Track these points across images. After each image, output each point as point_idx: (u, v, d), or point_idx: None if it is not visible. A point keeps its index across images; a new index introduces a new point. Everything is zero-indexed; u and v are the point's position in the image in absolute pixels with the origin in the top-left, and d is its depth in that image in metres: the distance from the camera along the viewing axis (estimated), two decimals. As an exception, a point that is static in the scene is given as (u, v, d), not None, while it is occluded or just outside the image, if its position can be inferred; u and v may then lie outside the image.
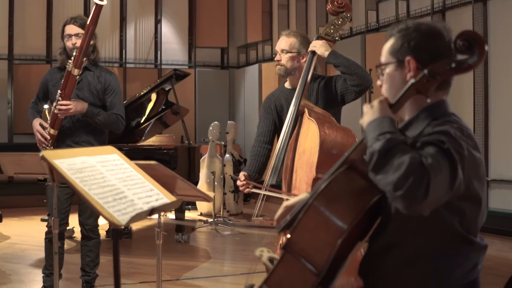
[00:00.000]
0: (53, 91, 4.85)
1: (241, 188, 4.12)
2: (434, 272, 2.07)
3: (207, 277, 5.88)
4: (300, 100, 3.92)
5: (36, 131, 4.77)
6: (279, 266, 2.15)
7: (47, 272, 4.93)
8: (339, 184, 2.15)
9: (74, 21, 4.79)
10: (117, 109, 4.90)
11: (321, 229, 2.08)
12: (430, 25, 2.18)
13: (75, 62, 4.54)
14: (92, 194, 2.30)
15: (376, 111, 2.08)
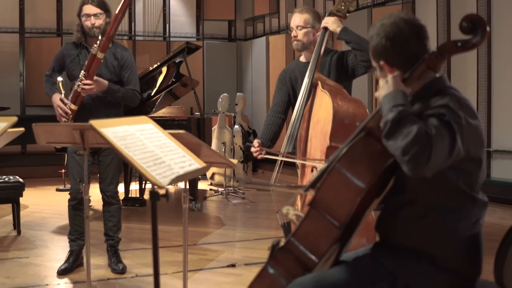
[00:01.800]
0: (71, 66, 5.10)
1: (255, 154, 4.40)
2: (442, 224, 2.36)
3: (222, 242, 6.15)
4: (313, 73, 4.17)
5: (57, 106, 5.00)
6: (306, 221, 2.43)
7: (72, 237, 5.20)
8: (358, 148, 2.41)
9: (92, 1, 4.99)
10: (133, 85, 5.15)
11: (343, 188, 2.36)
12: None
13: (101, 47, 4.76)
14: (137, 159, 2.56)
15: (391, 85, 2.35)
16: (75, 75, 5.02)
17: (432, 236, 2.37)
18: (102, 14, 4.98)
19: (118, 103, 5.17)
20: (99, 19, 4.95)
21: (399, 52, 2.42)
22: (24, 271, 5.23)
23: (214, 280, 4.94)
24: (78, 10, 5.09)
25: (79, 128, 3.69)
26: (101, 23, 4.96)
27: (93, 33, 4.93)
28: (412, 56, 2.41)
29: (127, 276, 5.01)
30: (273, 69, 12.84)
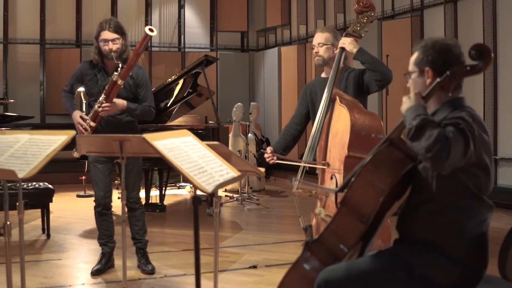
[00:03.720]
0: (89, 85, 5.48)
1: (267, 160, 4.82)
2: (455, 221, 2.75)
3: (242, 246, 6.50)
4: (332, 89, 4.53)
5: (77, 123, 5.34)
6: (337, 217, 2.86)
7: (102, 241, 5.56)
8: (382, 155, 2.83)
9: (109, 27, 5.33)
10: (149, 101, 5.51)
11: (368, 189, 2.78)
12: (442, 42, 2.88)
13: (122, 75, 5.14)
14: (184, 168, 2.91)
15: (413, 100, 2.77)
16: (93, 93, 5.43)
17: (445, 231, 2.75)
18: (119, 39, 5.33)
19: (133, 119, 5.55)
20: (116, 44, 5.31)
21: (444, 65, 2.80)
22: (59, 272, 5.59)
23: (238, 280, 5.28)
24: (95, 34, 5.42)
25: (118, 139, 4.07)
26: (118, 47, 5.31)
27: (111, 56, 5.28)
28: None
29: (157, 276, 5.36)
30: (285, 79, 13.21)
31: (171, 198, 9.77)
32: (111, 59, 5.28)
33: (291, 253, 6.12)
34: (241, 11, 14.37)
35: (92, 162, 5.48)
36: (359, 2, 4.81)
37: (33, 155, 3.01)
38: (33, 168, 2.90)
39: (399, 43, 9.84)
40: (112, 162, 5.49)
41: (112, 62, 5.29)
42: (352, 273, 2.76)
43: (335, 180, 4.29)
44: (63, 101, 5.63)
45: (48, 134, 3.22)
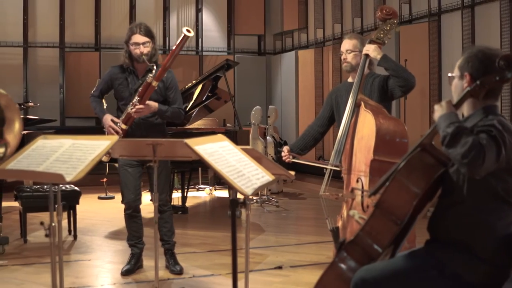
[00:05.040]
0: (120, 89, 5.60)
1: (283, 158, 5.01)
2: (484, 222, 2.88)
3: (265, 247, 6.61)
4: (357, 95, 4.66)
5: (108, 127, 5.48)
6: (371, 219, 2.99)
7: (132, 242, 5.69)
8: (415, 161, 2.97)
9: (140, 31, 5.47)
10: (178, 104, 5.64)
11: (403, 193, 2.92)
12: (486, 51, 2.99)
13: (157, 76, 5.26)
14: (225, 172, 3.04)
15: (445, 108, 2.90)
16: (123, 97, 5.55)
17: (475, 232, 2.88)
18: (149, 42, 5.46)
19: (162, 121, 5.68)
20: (147, 47, 5.44)
21: (483, 73, 2.92)
22: (89, 272, 5.73)
23: (264, 280, 5.40)
24: (126, 38, 5.55)
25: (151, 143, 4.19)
26: (149, 50, 5.45)
27: (141, 59, 5.41)
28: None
29: (185, 277, 5.49)
30: (302, 83, 13.33)
31: (191, 200, 9.88)
32: (141, 63, 5.42)
33: (314, 254, 6.27)
34: (258, 15, 14.52)
35: (122, 165, 5.60)
36: (382, 9, 4.96)
37: (78, 159, 3.12)
38: (79, 172, 3.01)
39: (416, 48, 9.95)
40: (142, 165, 5.61)
41: (142, 65, 5.43)
42: (387, 272, 2.90)
43: (361, 183, 4.41)
44: (92, 106, 5.76)
45: (90, 139, 3.34)
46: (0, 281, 5.36)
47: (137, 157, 5.07)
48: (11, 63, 12.79)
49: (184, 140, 3.14)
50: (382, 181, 3.11)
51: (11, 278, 5.43)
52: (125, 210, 5.70)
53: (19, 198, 6.84)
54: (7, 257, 6.15)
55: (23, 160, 3.21)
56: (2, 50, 12.71)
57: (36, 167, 3.10)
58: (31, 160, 3.19)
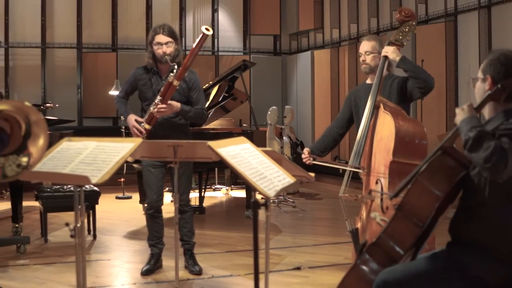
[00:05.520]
0: (144, 89, 5.66)
1: (304, 160, 5.04)
2: (505, 224, 2.91)
3: (283, 248, 6.64)
4: (376, 96, 4.69)
5: (132, 126, 5.52)
6: (393, 221, 3.02)
7: (152, 242, 5.74)
8: (437, 164, 3.00)
9: (163, 31, 5.52)
10: (201, 104, 5.69)
11: (425, 195, 2.96)
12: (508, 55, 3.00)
13: (178, 76, 5.30)
14: (248, 174, 3.08)
15: (467, 111, 2.93)
16: (147, 97, 5.60)
17: (497, 233, 2.91)
18: (172, 43, 5.50)
19: (186, 122, 5.72)
20: (169, 47, 5.48)
21: (504, 76, 2.96)
22: (108, 271, 5.80)
23: (283, 281, 5.43)
24: (149, 39, 5.60)
25: (172, 144, 4.24)
26: (172, 50, 5.48)
27: (164, 60, 5.46)
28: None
29: (205, 277, 5.54)
30: (318, 83, 13.35)
31: (207, 200, 9.91)
32: (164, 63, 5.46)
33: (332, 255, 6.29)
34: (274, 15, 14.54)
35: (145, 166, 5.65)
36: (401, 11, 5.00)
37: (103, 161, 3.17)
38: (104, 174, 3.05)
39: (433, 48, 9.95)
40: (165, 166, 5.65)
41: (165, 66, 5.47)
42: (409, 274, 2.93)
43: (380, 185, 4.44)
44: (117, 107, 5.85)
45: (114, 141, 3.38)
46: (22, 280, 5.43)
47: (158, 158, 5.13)
48: (30, 64, 12.89)
49: (207, 143, 3.18)
50: (403, 183, 3.14)
51: (33, 277, 5.50)
52: (147, 210, 5.77)
53: (39, 198, 6.92)
54: (28, 256, 6.23)
55: (48, 162, 3.25)
56: (21, 51, 12.81)
57: (61, 169, 3.15)
58: (56, 162, 3.24)
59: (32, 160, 2.77)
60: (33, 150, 2.77)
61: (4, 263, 5.93)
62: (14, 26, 12.79)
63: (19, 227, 6.52)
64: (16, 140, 2.72)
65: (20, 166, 2.79)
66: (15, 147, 2.73)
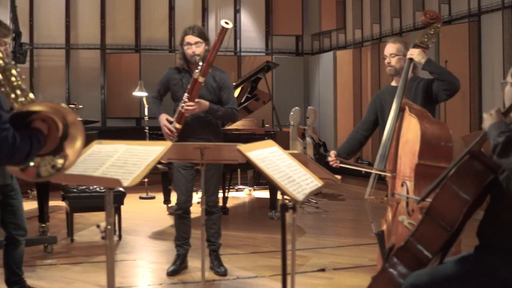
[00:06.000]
0: (175, 89, 5.72)
1: (331, 163, 5.08)
2: None
3: (307, 249, 6.66)
4: (401, 99, 4.71)
5: (163, 126, 5.58)
6: (421, 225, 3.05)
7: (179, 243, 5.80)
8: (465, 168, 3.01)
9: (193, 32, 5.58)
10: (231, 104, 5.72)
11: (453, 200, 2.97)
12: None
13: (202, 72, 5.35)
14: (276, 178, 3.11)
15: (494, 117, 2.95)
16: (178, 97, 5.62)
17: None
18: (201, 43, 5.56)
19: (217, 121, 5.76)
20: (199, 47, 5.53)
21: None
22: (135, 272, 5.87)
23: (308, 283, 5.47)
24: (180, 40, 5.67)
25: (199, 147, 4.29)
26: (201, 50, 5.52)
27: (194, 60, 5.51)
28: None
29: (230, 278, 5.59)
30: (340, 83, 13.34)
31: (230, 200, 9.96)
32: (194, 63, 5.50)
33: (357, 257, 6.31)
34: (296, 15, 14.54)
35: (176, 167, 5.71)
36: (426, 14, 5.01)
37: (134, 164, 3.21)
38: (136, 177, 3.08)
39: (456, 49, 9.91)
40: (195, 168, 5.69)
41: (195, 66, 5.49)
42: (437, 278, 2.95)
43: (406, 187, 4.45)
44: (150, 107, 5.96)
45: (144, 145, 3.43)
46: (51, 279, 5.51)
47: (185, 160, 5.18)
48: (54, 64, 13.00)
49: (236, 146, 3.22)
50: (431, 188, 3.16)
51: (61, 277, 5.57)
52: (175, 210, 5.83)
53: (66, 198, 7.00)
54: (55, 256, 6.31)
55: (80, 164, 3.30)
56: (46, 52, 12.93)
57: (93, 172, 3.19)
58: (87, 164, 3.28)
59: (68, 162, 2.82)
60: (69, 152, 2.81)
61: (31, 263, 6.00)
62: (38, 28, 12.90)
63: (45, 227, 6.60)
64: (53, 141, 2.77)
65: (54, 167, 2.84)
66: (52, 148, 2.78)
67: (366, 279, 5.28)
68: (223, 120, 5.82)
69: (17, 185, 4.73)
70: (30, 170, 2.81)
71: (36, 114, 2.70)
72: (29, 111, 2.70)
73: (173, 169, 5.83)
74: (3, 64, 2.99)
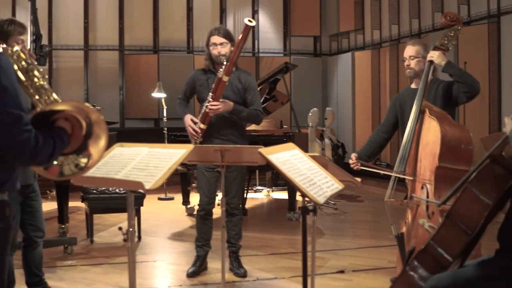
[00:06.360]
0: (200, 90, 5.74)
1: (352, 166, 5.09)
2: None
3: (326, 250, 6.66)
4: (421, 101, 4.70)
5: (188, 126, 5.62)
6: (442, 228, 3.05)
7: (199, 244, 5.82)
8: (486, 172, 3.00)
9: (218, 32, 5.62)
10: (256, 105, 5.74)
11: (474, 204, 2.96)
12: None
13: (226, 71, 5.38)
14: (298, 181, 3.13)
15: None
16: (204, 98, 5.63)
17: None
18: (227, 43, 5.58)
19: (241, 122, 5.78)
20: (224, 48, 5.56)
21: None
22: (154, 273, 5.89)
23: (327, 284, 5.46)
24: (206, 41, 5.71)
25: (219, 149, 4.31)
26: (226, 51, 5.55)
27: (219, 60, 5.54)
28: None
29: (250, 279, 5.60)
30: (359, 84, 13.33)
31: (249, 201, 9.96)
32: (220, 63, 5.52)
33: (376, 258, 6.29)
34: (314, 16, 14.56)
35: (200, 169, 5.74)
36: (446, 16, 5.01)
37: (156, 167, 3.22)
38: (158, 179, 3.09)
39: (476, 50, 9.88)
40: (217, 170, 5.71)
41: (221, 66, 5.51)
42: (458, 281, 2.95)
43: (426, 190, 4.45)
44: (176, 108, 5.95)
45: (166, 148, 3.44)
46: (71, 280, 5.54)
47: (206, 162, 5.20)
48: (73, 66, 13.11)
49: (258, 149, 3.24)
50: (451, 191, 3.16)
51: (81, 278, 5.61)
52: (198, 211, 5.86)
53: (85, 199, 7.03)
54: (75, 257, 6.34)
55: (102, 167, 3.32)
56: (64, 53, 13.05)
57: (115, 175, 3.21)
58: (109, 167, 3.30)
59: (91, 162, 2.84)
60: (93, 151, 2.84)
61: (52, 264, 6.04)
62: (57, 29, 13.02)
63: (65, 227, 6.64)
64: (77, 140, 2.79)
65: (78, 166, 2.87)
66: (75, 147, 2.81)
67: (385, 281, 5.30)
68: (247, 121, 5.84)
69: (37, 186, 4.76)
70: (53, 168, 2.85)
71: (59, 113, 2.73)
72: (53, 110, 2.73)
73: (197, 171, 5.86)
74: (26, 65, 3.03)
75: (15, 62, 3.00)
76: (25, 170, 4.46)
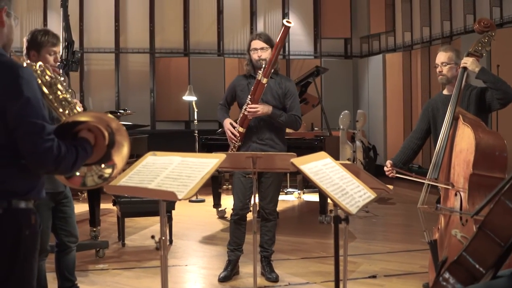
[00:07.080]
0: (241, 95, 5.78)
1: (387, 173, 5.08)
2: None
3: (358, 255, 6.62)
4: (455, 108, 4.67)
5: (227, 129, 5.68)
6: (475, 240, 3.01)
7: (231, 248, 5.84)
8: None
9: (259, 37, 5.68)
10: (295, 111, 5.75)
11: (507, 215, 2.93)
12: None
13: (265, 72, 5.43)
14: (330, 191, 3.13)
15: None
16: (244, 103, 5.65)
17: None
18: (267, 48, 5.61)
19: (280, 127, 5.80)
20: (264, 52, 5.59)
21: None
22: (186, 277, 5.92)
23: (359, 289, 5.47)
24: (247, 46, 5.79)
25: (251, 156, 4.32)
26: (267, 55, 5.57)
27: (259, 64, 5.57)
28: None
29: (281, 284, 5.60)
30: (390, 86, 13.26)
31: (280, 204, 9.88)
32: (260, 68, 5.54)
33: (408, 263, 6.26)
34: (345, 18, 14.50)
35: (236, 174, 5.78)
36: (480, 22, 4.99)
37: (188, 176, 3.24)
38: (190, 189, 3.11)
39: (509, 53, 9.74)
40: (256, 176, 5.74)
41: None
42: None
43: (459, 198, 4.42)
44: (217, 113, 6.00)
45: (198, 157, 3.46)
46: (103, 285, 5.59)
47: (237, 168, 5.21)
48: (104, 68, 13.22)
49: (290, 160, 3.24)
50: (484, 202, 3.14)
51: (113, 282, 5.66)
52: (231, 216, 5.88)
53: (117, 203, 7.09)
54: (107, 261, 6.39)
55: (134, 176, 3.34)
56: (96, 56, 13.15)
57: (147, 184, 3.23)
58: (142, 176, 3.32)
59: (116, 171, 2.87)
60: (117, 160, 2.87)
61: (84, 267, 6.10)
62: (88, 32, 13.13)
63: (97, 231, 6.72)
64: (101, 150, 2.83)
65: (101, 177, 2.90)
66: (99, 156, 2.85)
67: (417, 286, 5.29)
68: (286, 126, 5.87)
69: (69, 193, 4.80)
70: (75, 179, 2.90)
71: (82, 124, 2.77)
72: (76, 121, 2.78)
73: (234, 176, 5.91)
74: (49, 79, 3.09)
75: (39, 77, 3.07)
76: (54, 178, 4.51)
